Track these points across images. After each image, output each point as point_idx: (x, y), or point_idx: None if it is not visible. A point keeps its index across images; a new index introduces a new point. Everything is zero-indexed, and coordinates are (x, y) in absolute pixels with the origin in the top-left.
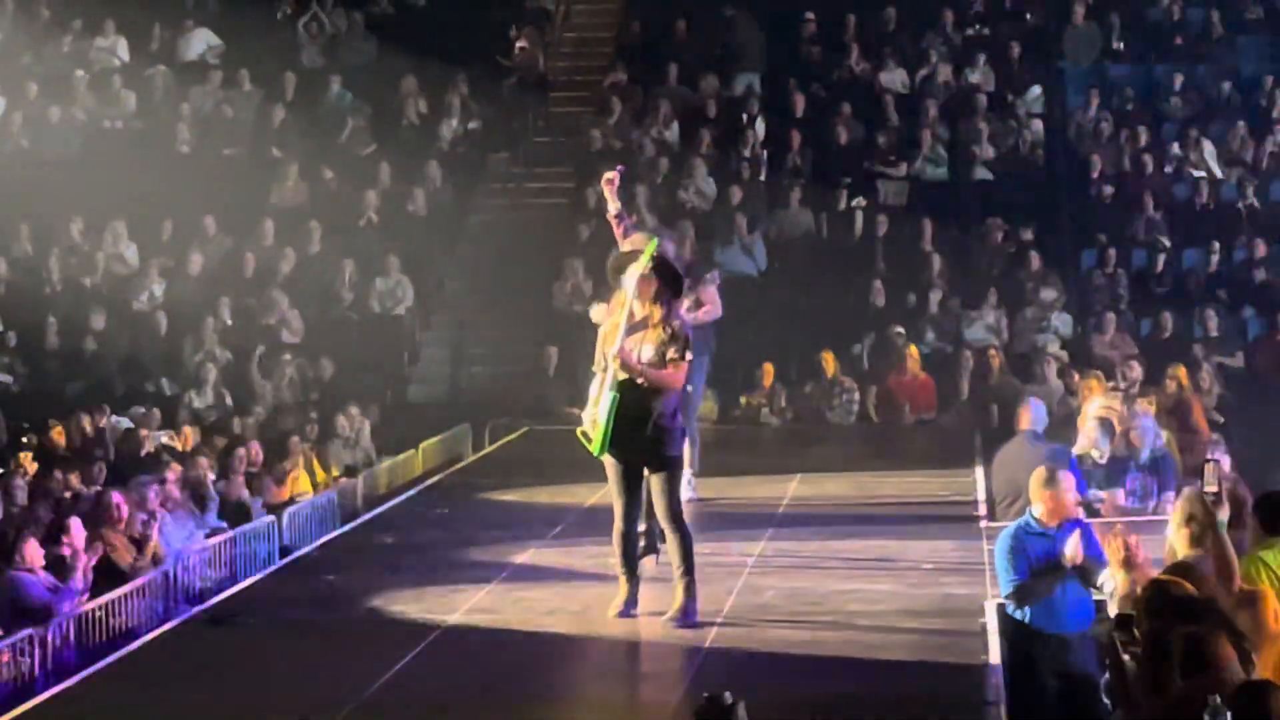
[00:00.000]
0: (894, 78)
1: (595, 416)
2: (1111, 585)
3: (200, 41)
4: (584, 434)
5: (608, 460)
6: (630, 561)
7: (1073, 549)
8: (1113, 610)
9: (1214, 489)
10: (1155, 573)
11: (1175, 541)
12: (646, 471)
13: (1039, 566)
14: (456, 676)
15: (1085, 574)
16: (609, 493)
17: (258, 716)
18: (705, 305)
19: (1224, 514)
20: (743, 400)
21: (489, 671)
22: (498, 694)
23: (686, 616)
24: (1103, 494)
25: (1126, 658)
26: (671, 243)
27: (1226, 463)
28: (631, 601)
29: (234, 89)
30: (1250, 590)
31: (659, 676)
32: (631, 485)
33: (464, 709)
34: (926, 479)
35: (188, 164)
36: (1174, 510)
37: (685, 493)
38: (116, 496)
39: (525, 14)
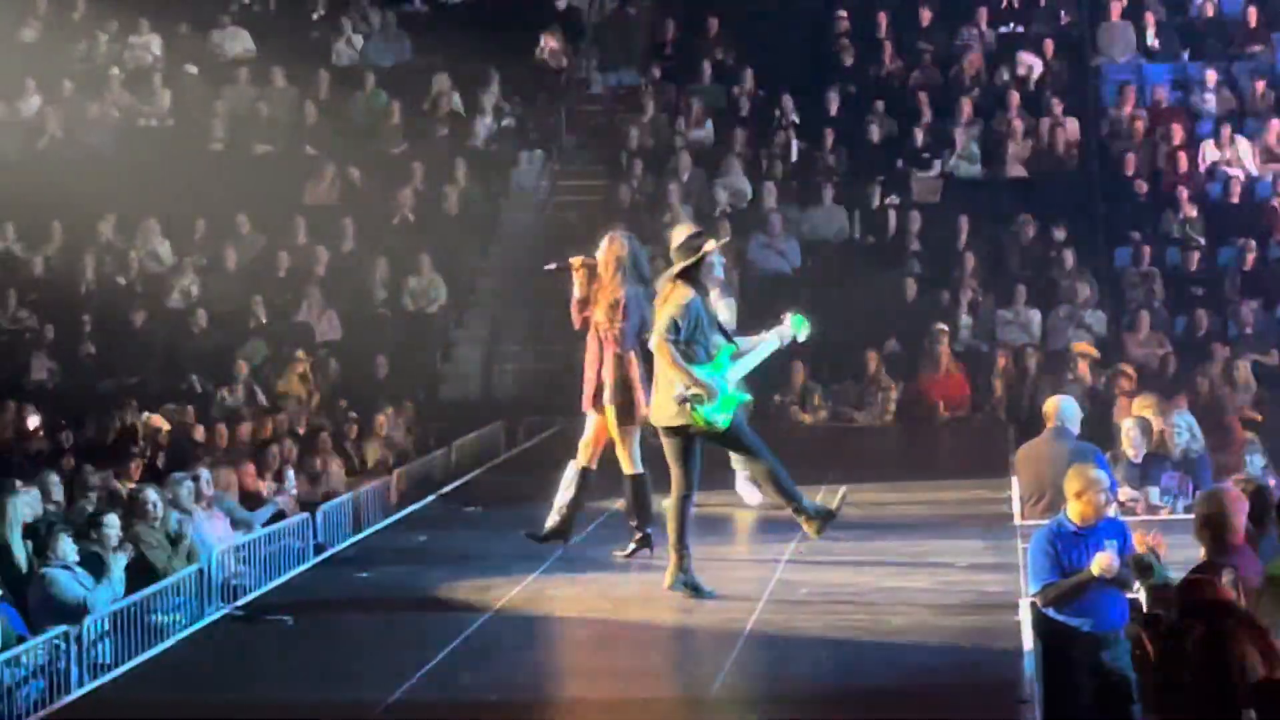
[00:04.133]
0: (927, 75)
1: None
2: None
3: (237, 40)
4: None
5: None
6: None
7: (1104, 565)
8: (1146, 609)
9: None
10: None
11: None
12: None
13: (1071, 568)
14: (493, 671)
15: (1120, 578)
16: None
17: (292, 714)
18: None
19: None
20: (774, 399)
21: (524, 665)
22: (533, 687)
23: None
24: (1136, 493)
25: (1152, 657)
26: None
27: (1260, 462)
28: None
29: (268, 87)
30: (1270, 576)
31: (693, 671)
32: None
33: (500, 702)
34: (960, 477)
35: (221, 162)
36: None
37: (754, 498)
38: (151, 494)
39: (556, 13)
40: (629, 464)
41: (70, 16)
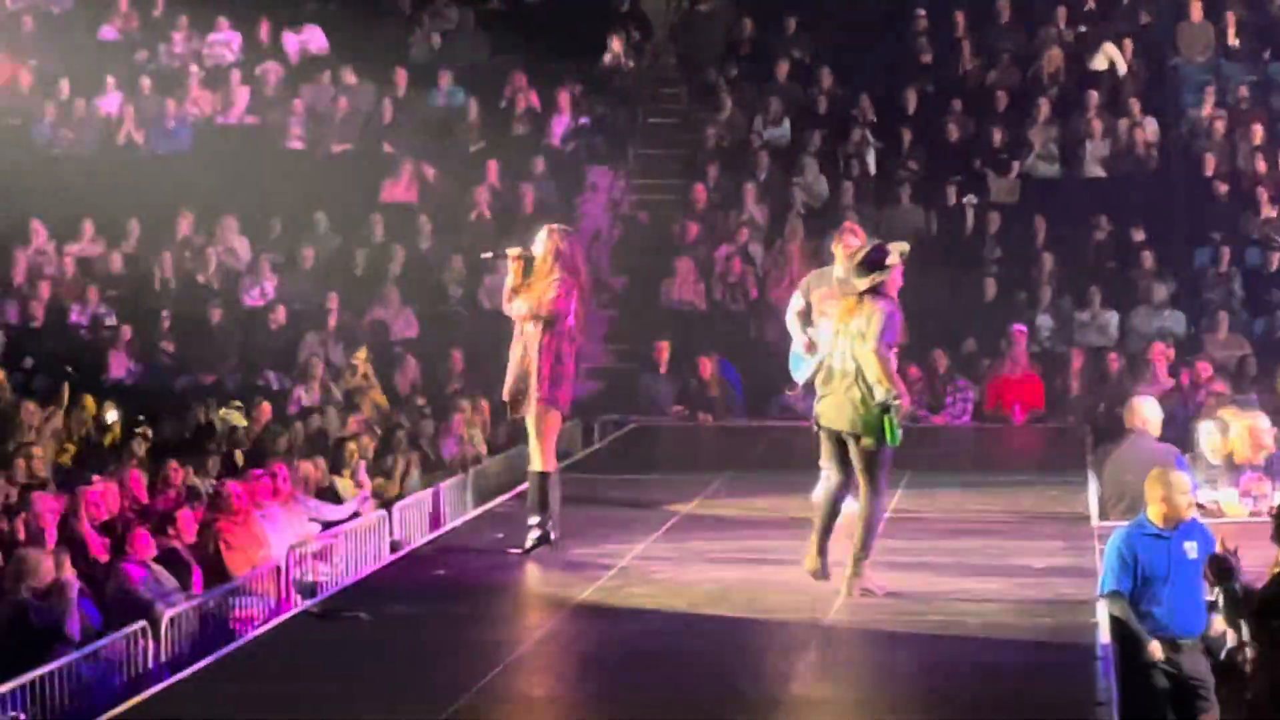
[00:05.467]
0: (1005, 75)
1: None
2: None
3: (314, 38)
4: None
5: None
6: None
7: (1155, 655)
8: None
9: None
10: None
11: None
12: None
13: (1149, 571)
14: (568, 669)
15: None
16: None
17: (368, 712)
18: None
19: None
20: None
21: (600, 664)
22: (609, 685)
23: None
24: (1216, 495)
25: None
26: None
27: None
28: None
29: (345, 85)
30: None
31: (770, 669)
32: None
33: (576, 701)
34: (1036, 479)
35: (299, 160)
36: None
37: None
38: (233, 486)
39: (624, 15)
40: (542, 459)
41: (149, 15)
